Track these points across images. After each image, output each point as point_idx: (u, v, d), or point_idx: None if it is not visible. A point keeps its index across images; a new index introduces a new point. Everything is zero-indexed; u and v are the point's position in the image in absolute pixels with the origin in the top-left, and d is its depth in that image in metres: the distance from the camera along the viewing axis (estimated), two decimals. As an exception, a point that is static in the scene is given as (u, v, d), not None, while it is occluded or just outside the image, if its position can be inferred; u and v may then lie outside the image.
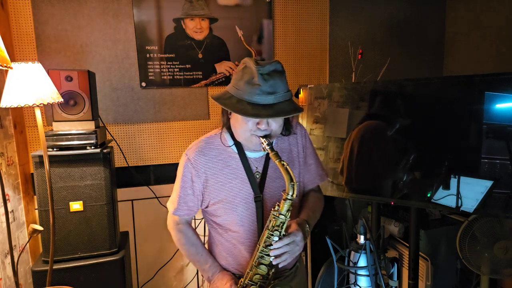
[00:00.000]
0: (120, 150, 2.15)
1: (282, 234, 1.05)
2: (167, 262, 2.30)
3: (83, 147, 1.66)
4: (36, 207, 1.87)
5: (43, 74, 1.46)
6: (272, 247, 1.04)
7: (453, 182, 1.45)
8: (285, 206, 1.03)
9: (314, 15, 2.40)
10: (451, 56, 2.59)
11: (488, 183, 1.38)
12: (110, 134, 2.14)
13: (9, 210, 1.76)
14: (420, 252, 1.79)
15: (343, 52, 2.44)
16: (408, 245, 1.81)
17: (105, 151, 1.69)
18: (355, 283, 1.57)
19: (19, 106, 1.35)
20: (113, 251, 1.73)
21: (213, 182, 1.12)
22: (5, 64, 1.06)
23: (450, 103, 1.49)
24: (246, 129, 1.03)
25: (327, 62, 2.47)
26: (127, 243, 1.94)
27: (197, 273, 2.40)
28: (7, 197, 1.71)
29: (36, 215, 1.98)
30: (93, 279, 1.68)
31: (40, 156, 1.59)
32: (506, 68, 2.12)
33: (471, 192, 1.41)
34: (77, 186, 1.65)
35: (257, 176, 1.14)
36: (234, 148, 1.14)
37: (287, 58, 2.40)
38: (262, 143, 1.03)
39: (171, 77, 2.21)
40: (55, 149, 1.64)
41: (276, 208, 1.05)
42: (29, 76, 1.40)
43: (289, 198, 1.03)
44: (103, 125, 1.94)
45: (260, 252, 1.07)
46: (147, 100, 2.20)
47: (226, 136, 1.15)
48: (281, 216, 1.04)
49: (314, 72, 2.46)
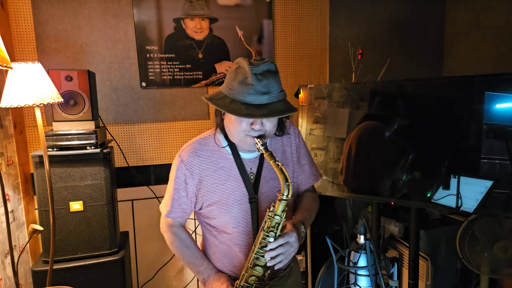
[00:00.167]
0: (120, 150, 2.15)
1: (277, 235, 1.04)
2: (167, 262, 2.30)
3: (83, 147, 1.66)
4: (36, 207, 1.87)
5: (43, 74, 1.46)
6: (267, 248, 1.03)
7: (453, 182, 1.45)
8: (280, 207, 1.03)
9: (314, 15, 2.40)
10: (451, 56, 2.59)
11: (488, 183, 1.38)
12: (110, 134, 2.14)
13: (9, 210, 1.76)
14: (420, 252, 1.79)
15: (343, 52, 2.44)
16: (408, 245, 1.81)
17: (105, 151, 1.69)
18: (355, 283, 1.57)
19: (19, 106, 1.35)
20: (113, 251, 1.73)
21: (207, 184, 1.11)
22: (5, 64, 1.06)
23: (450, 103, 1.49)
24: (240, 129, 1.03)
25: (327, 62, 2.47)
26: (127, 243, 1.94)
27: (197, 273, 2.40)
28: (7, 197, 1.71)
29: (36, 215, 1.98)
30: (93, 279, 1.68)
31: (40, 156, 1.59)
32: (506, 68, 2.12)
33: (471, 192, 1.41)
34: (77, 186, 1.65)
35: (251, 177, 1.14)
36: (228, 149, 1.13)
37: (287, 58, 2.40)
38: (257, 143, 1.02)
39: (171, 77, 2.21)
40: (55, 149, 1.64)
41: (271, 209, 1.04)
42: (29, 76, 1.40)
43: (284, 198, 1.02)
44: (103, 125, 1.94)
45: (256, 254, 1.06)
46: (147, 100, 2.20)
47: (220, 137, 1.14)
48: (276, 217, 1.03)
49: (314, 72, 2.46)
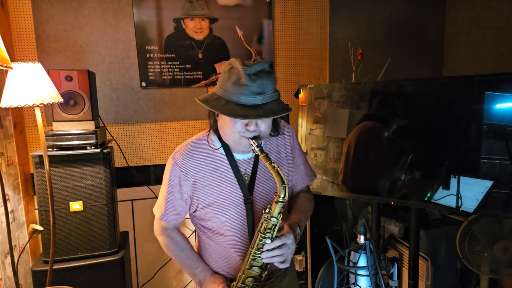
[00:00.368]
0: (120, 150, 2.15)
1: (274, 236, 1.03)
2: (167, 262, 2.30)
3: (83, 147, 1.66)
4: (36, 207, 1.87)
5: (43, 74, 1.46)
6: (264, 249, 1.02)
7: (453, 182, 1.45)
8: (276, 209, 1.02)
9: (314, 15, 2.40)
10: (451, 56, 2.59)
11: (488, 183, 1.38)
12: (110, 134, 2.14)
13: (9, 210, 1.76)
14: (420, 252, 1.79)
15: (343, 52, 2.44)
16: (408, 245, 1.81)
17: (105, 151, 1.69)
18: (355, 283, 1.57)
19: (19, 106, 1.35)
20: (113, 251, 1.73)
21: (201, 186, 1.10)
22: (5, 64, 1.06)
23: (450, 103, 1.49)
24: (234, 130, 1.01)
25: (327, 62, 2.47)
26: (127, 243, 1.94)
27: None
28: (7, 197, 1.71)
29: (36, 215, 1.98)
30: (93, 279, 1.68)
31: (40, 156, 1.59)
32: (506, 68, 2.12)
33: (471, 192, 1.41)
34: (77, 186, 1.65)
35: (246, 178, 1.13)
36: (221, 150, 1.12)
37: (287, 58, 2.40)
38: (252, 144, 1.01)
39: (171, 77, 2.21)
40: (55, 149, 1.64)
41: (267, 211, 1.03)
42: (29, 76, 1.40)
43: (280, 200, 1.01)
44: (103, 125, 1.94)
45: (253, 255, 1.05)
46: (147, 100, 2.20)
47: (214, 138, 1.13)
48: (272, 219, 1.02)
49: (314, 72, 2.46)
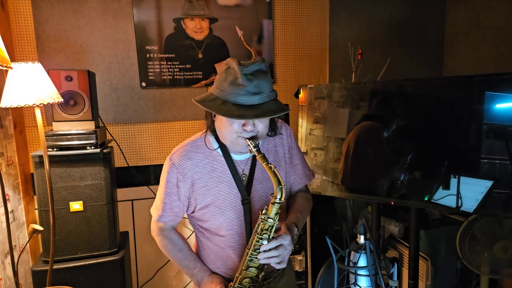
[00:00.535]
0: (120, 150, 2.15)
1: (271, 237, 1.03)
2: (167, 262, 2.30)
3: (83, 147, 1.66)
4: (36, 207, 1.87)
5: (43, 74, 1.46)
6: (261, 250, 1.02)
7: (453, 182, 1.45)
8: (273, 210, 1.01)
9: (314, 15, 2.40)
10: (451, 56, 2.59)
11: (488, 183, 1.38)
12: (110, 134, 2.14)
13: (9, 210, 1.76)
14: (420, 252, 1.79)
15: (343, 52, 2.44)
16: (408, 245, 1.81)
17: (105, 151, 1.69)
18: (355, 283, 1.57)
19: (19, 106, 1.35)
20: (113, 251, 1.73)
21: (199, 187, 1.10)
22: (5, 64, 1.06)
23: (450, 103, 1.49)
24: (232, 131, 1.01)
25: (327, 62, 2.47)
26: (127, 243, 1.94)
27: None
28: (7, 197, 1.71)
29: (36, 215, 1.98)
30: (93, 279, 1.68)
31: (40, 156, 1.59)
32: (506, 68, 2.12)
33: (471, 192, 1.41)
34: (77, 186, 1.65)
35: (243, 178, 1.12)
36: (219, 151, 1.11)
37: (287, 58, 2.40)
38: (249, 145, 1.00)
39: (171, 77, 2.21)
40: (55, 149, 1.64)
41: (264, 212, 1.03)
42: (29, 76, 1.40)
43: (277, 201, 1.00)
44: (103, 125, 1.94)
45: (250, 256, 1.05)
46: (147, 100, 2.20)
47: (211, 139, 1.13)
48: (269, 220, 1.02)
49: (314, 72, 2.46)
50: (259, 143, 1.04)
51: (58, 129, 1.68)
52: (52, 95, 1.44)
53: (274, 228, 1.03)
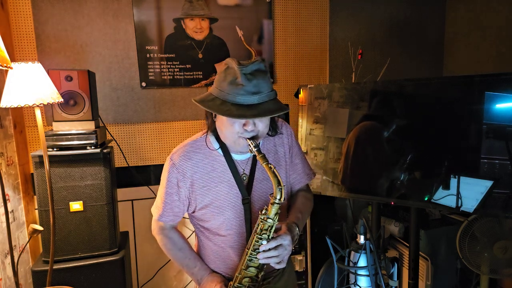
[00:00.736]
0: (120, 150, 2.15)
1: (270, 237, 1.03)
2: (167, 262, 2.30)
3: (83, 147, 1.66)
4: (36, 207, 1.87)
5: (43, 74, 1.46)
6: (260, 250, 1.02)
7: (453, 182, 1.45)
8: (273, 210, 1.01)
9: (314, 15, 2.40)
10: (451, 56, 2.59)
11: (488, 183, 1.38)
12: (110, 134, 2.14)
13: (9, 210, 1.76)
14: (420, 252, 1.79)
15: (343, 52, 2.44)
16: (408, 245, 1.81)
17: (105, 151, 1.69)
18: (355, 283, 1.57)
19: (19, 106, 1.35)
20: (113, 251, 1.73)
21: (199, 187, 1.10)
22: (5, 64, 1.06)
23: (450, 103, 1.49)
24: (232, 131, 1.01)
25: (327, 62, 2.47)
26: (127, 243, 1.94)
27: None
28: (7, 197, 1.71)
29: (36, 215, 1.98)
30: (93, 279, 1.68)
31: (40, 156, 1.59)
32: (506, 68, 2.12)
33: (471, 192, 1.41)
34: (77, 186, 1.65)
35: (244, 178, 1.13)
36: (219, 151, 1.12)
37: (287, 58, 2.40)
38: (249, 145, 1.00)
39: (171, 77, 2.21)
40: (55, 149, 1.64)
41: (263, 212, 1.03)
42: (29, 76, 1.40)
43: (276, 202, 1.00)
44: (103, 125, 1.94)
45: (249, 256, 1.05)
46: (147, 100, 2.20)
47: (211, 139, 1.13)
48: (269, 220, 1.02)
49: (314, 72, 2.46)
50: (259, 143, 1.04)
51: (58, 129, 1.68)
52: (52, 95, 1.44)
53: (273, 228, 1.04)
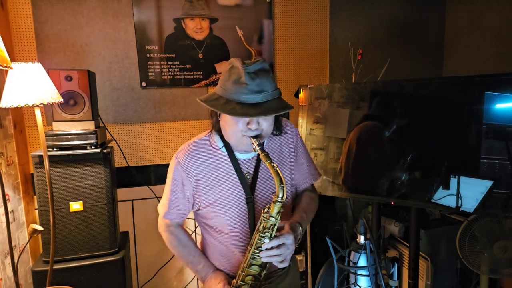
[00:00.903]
0: (120, 150, 2.15)
1: (272, 236, 1.04)
2: (167, 262, 2.30)
3: (83, 147, 1.66)
4: (36, 207, 1.87)
5: (43, 74, 1.46)
6: (262, 248, 1.03)
7: (453, 182, 1.45)
8: (275, 208, 1.02)
9: (314, 15, 2.40)
10: (451, 56, 2.59)
11: (488, 183, 1.38)
12: (110, 134, 2.14)
13: (9, 210, 1.76)
14: (420, 252, 1.79)
15: (343, 53, 2.44)
16: (408, 245, 1.81)
17: (105, 151, 1.69)
18: (355, 283, 1.58)
19: (19, 106, 1.35)
20: (113, 251, 1.73)
21: (203, 185, 1.12)
22: (5, 64, 1.06)
23: (450, 103, 1.49)
24: (236, 130, 1.02)
25: (327, 63, 2.47)
26: (127, 243, 1.94)
27: (197, 273, 2.40)
28: (7, 197, 1.71)
29: (36, 215, 1.98)
30: (93, 279, 1.68)
31: (40, 156, 1.58)
32: (506, 68, 2.12)
33: (471, 192, 1.41)
34: (77, 186, 1.65)
35: (248, 177, 1.14)
36: (224, 150, 1.13)
37: (287, 58, 2.40)
38: (253, 143, 1.02)
39: (172, 77, 2.21)
40: (55, 149, 1.64)
41: (266, 210, 1.04)
42: (29, 76, 1.39)
43: (279, 200, 1.01)
44: (103, 125, 1.94)
45: (252, 254, 1.06)
46: (147, 100, 2.20)
47: (216, 138, 1.14)
48: (271, 219, 1.03)
49: (315, 72, 2.46)
50: (264, 142, 1.05)
51: (58, 129, 1.68)
52: (52, 95, 1.44)
53: (276, 227, 1.04)
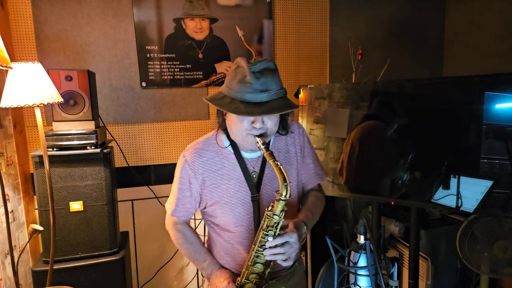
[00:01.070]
0: (120, 150, 2.15)
1: (276, 234, 1.05)
2: (167, 262, 2.30)
3: (83, 147, 1.66)
4: (36, 207, 1.87)
5: (43, 74, 1.46)
6: (266, 246, 1.04)
7: (453, 182, 1.45)
8: (278, 207, 1.03)
9: (314, 15, 2.40)
10: (451, 56, 2.59)
11: (488, 183, 1.38)
12: (110, 134, 2.14)
13: (9, 210, 1.76)
14: (420, 252, 1.79)
15: (343, 53, 2.44)
16: (408, 244, 1.81)
17: (105, 151, 1.69)
18: (355, 283, 1.58)
19: (19, 106, 1.35)
20: (113, 251, 1.73)
21: (210, 183, 1.13)
22: (5, 64, 1.06)
23: (450, 103, 1.49)
24: (241, 128, 1.04)
25: (327, 63, 2.47)
26: (127, 243, 1.94)
27: (197, 273, 2.40)
28: (7, 197, 1.71)
29: (36, 215, 1.98)
30: (93, 279, 1.68)
31: (40, 156, 1.58)
32: (506, 68, 2.12)
33: (471, 192, 1.41)
34: (77, 186, 1.65)
35: (253, 176, 1.15)
36: (230, 148, 1.14)
37: (287, 58, 2.40)
38: (258, 142, 1.03)
39: (172, 77, 2.21)
40: (55, 149, 1.64)
41: (269, 209, 1.05)
42: (29, 76, 1.39)
43: (282, 199, 1.02)
44: (103, 125, 1.94)
45: (256, 252, 1.07)
46: (147, 100, 2.20)
47: (222, 137, 1.16)
48: (275, 217, 1.04)
49: (315, 72, 2.46)
50: (269, 141, 1.06)
51: (58, 129, 1.68)
52: (52, 95, 1.44)
53: (280, 225, 1.05)
